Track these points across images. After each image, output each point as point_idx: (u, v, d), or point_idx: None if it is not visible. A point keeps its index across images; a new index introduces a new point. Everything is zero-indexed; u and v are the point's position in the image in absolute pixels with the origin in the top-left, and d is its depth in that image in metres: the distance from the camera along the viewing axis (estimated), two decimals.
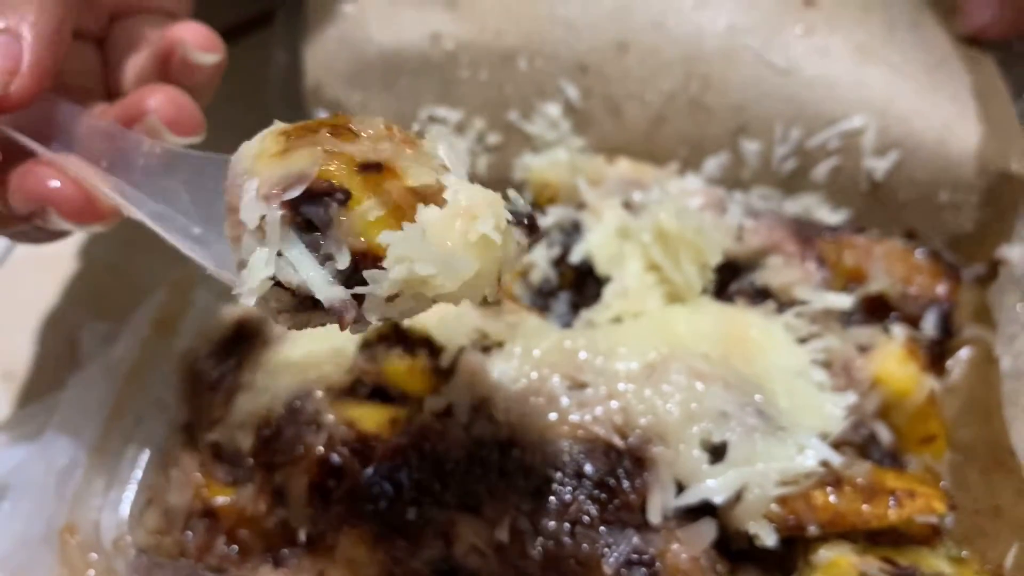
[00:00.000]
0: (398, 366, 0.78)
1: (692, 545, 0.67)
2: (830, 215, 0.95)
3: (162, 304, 0.93)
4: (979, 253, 0.96)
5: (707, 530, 0.68)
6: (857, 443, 0.79)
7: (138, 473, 0.82)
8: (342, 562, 0.72)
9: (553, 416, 0.71)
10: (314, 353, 0.79)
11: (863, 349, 0.80)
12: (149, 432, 0.84)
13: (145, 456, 0.83)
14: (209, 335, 0.87)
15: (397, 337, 0.80)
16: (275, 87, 1.10)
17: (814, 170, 0.98)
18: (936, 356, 0.85)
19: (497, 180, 1.03)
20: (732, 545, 0.72)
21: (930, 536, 0.74)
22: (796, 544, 0.72)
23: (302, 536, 0.73)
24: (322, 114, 1.03)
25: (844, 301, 0.80)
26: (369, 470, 0.72)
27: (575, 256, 0.83)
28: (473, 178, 0.97)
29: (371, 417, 0.74)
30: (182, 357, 0.86)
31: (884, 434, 0.79)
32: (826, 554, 0.69)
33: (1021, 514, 0.79)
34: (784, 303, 0.81)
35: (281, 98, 1.11)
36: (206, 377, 0.83)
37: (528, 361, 0.74)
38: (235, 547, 0.77)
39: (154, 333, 0.90)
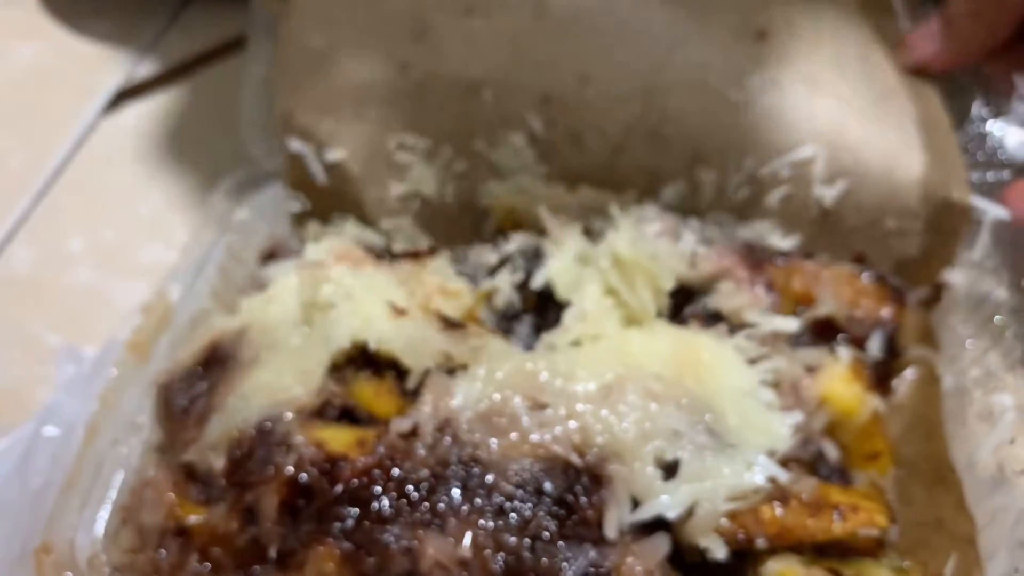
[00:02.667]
0: (366, 388, 0.81)
1: (647, 559, 0.70)
2: (782, 240, 0.99)
3: (138, 328, 0.95)
4: (924, 277, 1.00)
5: (661, 544, 0.71)
6: (806, 460, 0.82)
7: (112, 493, 0.84)
8: None
9: (514, 435, 0.74)
10: (284, 376, 0.82)
11: (810, 370, 0.84)
12: (123, 453, 0.86)
13: (119, 477, 0.85)
14: (183, 359, 0.89)
15: (365, 360, 0.83)
16: (247, 113, 1.13)
17: (766, 197, 1.02)
18: (881, 376, 0.89)
19: (464, 206, 1.07)
20: (686, 559, 0.76)
21: (874, 548, 0.78)
22: (746, 557, 0.76)
23: (272, 553, 0.75)
24: (294, 143, 1.06)
25: (791, 324, 0.84)
26: (337, 489, 0.74)
27: (536, 282, 0.87)
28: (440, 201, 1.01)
29: (339, 438, 0.77)
30: (156, 380, 0.89)
31: (831, 451, 0.82)
32: (774, 566, 0.72)
33: (960, 527, 0.84)
34: (735, 326, 0.84)
35: (253, 124, 1.14)
36: (180, 400, 0.85)
37: (491, 383, 0.77)
38: (207, 564, 0.80)
39: (129, 356, 0.93)
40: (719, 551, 0.71)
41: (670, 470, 0.73)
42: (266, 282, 0.95)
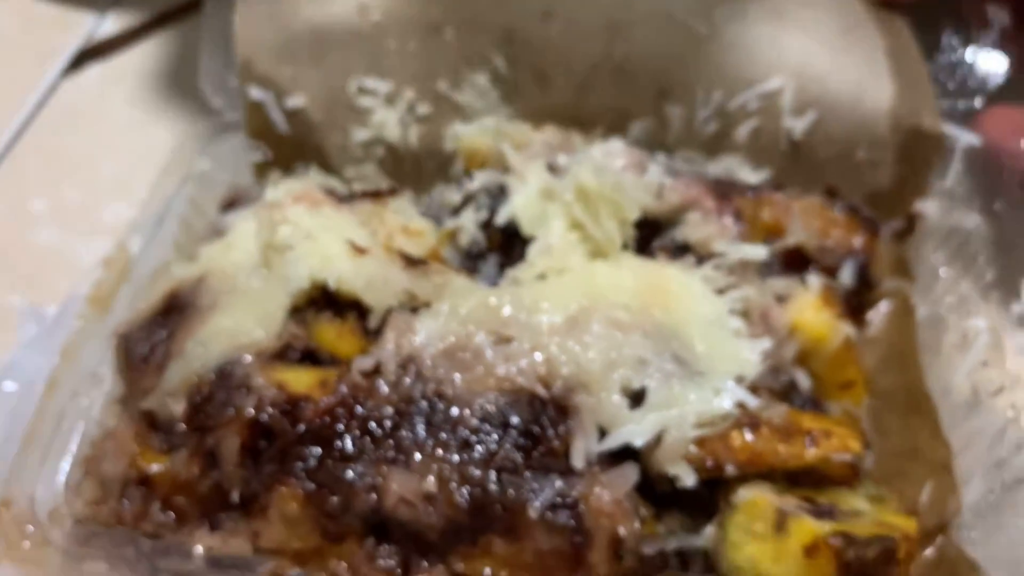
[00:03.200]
0: (327, 330, 0.79)
1: (615, 488, 0.69)
2: (751, 175, 0.98)
3: (98, 281, 0.93)
4: (897, 208, 0.99)
5: (629, 473, 0.70)
6: (778, 390, 0.81)
7: (73, 446, 0.82)
8: (276, 521, 0.73)
9: (479, 370, 0.73)
10: (244, 320, 0.80)
11: (781, 299, 0.82)
12: (84, 405, 0.84)
13: (80, 429, 0.83)
14: (142, 308, 0.87)
15: (326, 301, 0.81)
16: (207, 64, 1.10)
17: (735, 132, 1.00)
18: (854, 307, 0.88)
19: (429, 151, 1.05)
20: (656, 489, 0.75)
21: (849, 477, 0.77)
22: (718, 487, 0.75)
23: (235, 497, 0.74)
24: (254, 91, 1.04)
25: (759, 252, 0.82)
26: (299, 429, 0.72)
27: (500, 218, 0.85)
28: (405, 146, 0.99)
29: (301, 379, 0.76)
30: (116, 331, 0.87)
31: (803, 381, 0.81)
32: (745, 494, 0.71)
33: (936, 454, 0.83)
34: (703, 257, 0.83)
35: (213, 75, 1.11)
36: (139, 348, 0.83)
37: (455, 319, 0.76)
38: (171, 514, 0.78)
39: (90, 310, 0.91)
40: (688, 478, 0.70)
41: (637, 399, 0.72)
42: (225, 229, 0.93)
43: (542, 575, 0.71)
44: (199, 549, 0.74)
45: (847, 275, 0.87)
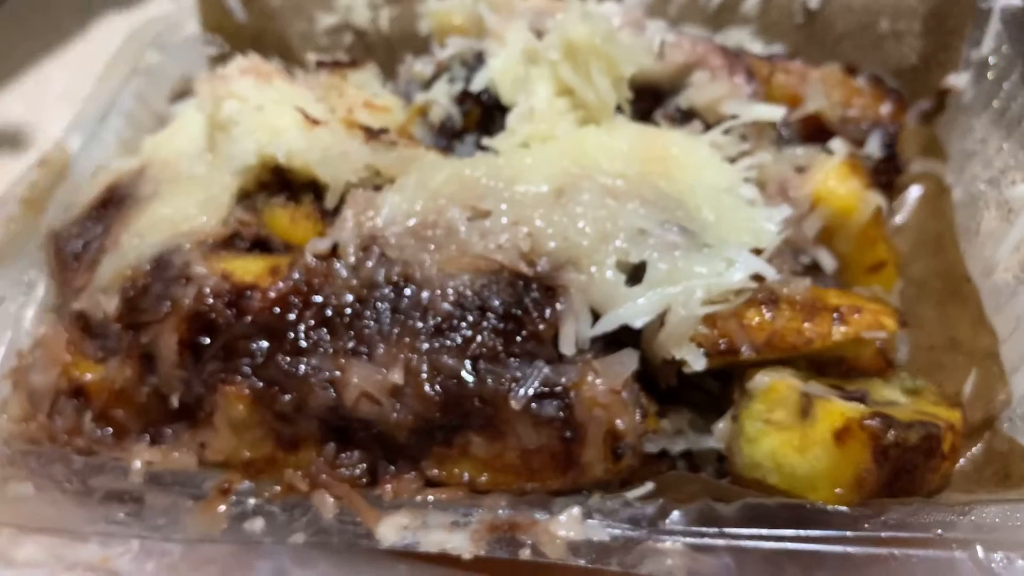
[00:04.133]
0: (280, 215, 0.69)
1: (611, 376, 0.59)
2: (763, 52, 0.87)
3: (32, 182, 0.83)
4: (925, 86, 0.88)
5: (627, 360, 0.60)
6: (800, 273, 0.71)
7: None
8: (223, 428, 0.64)
9: (452, 249, 0.63)
10: (186, 207, 0.70)
11: (801, 170, 0.72)
12: (11, 312, 0.75)
13: (7, 339, 0.74)
14: (78, 205, 0.77)
15: (280, 185, 0.71)
16: None
17: (744, 2, 0.90)
18: (883, 180, 0.78)
19: (402, 35, 0.94)
20: (661, 383, 0.65)
21: (882, 366, 0.67)
22: (731, 384, 0.65)
23: (175, 403, 0.64)
24: None
25: (776, 113, 0.72)
26: (245, 321, 0.63)
27: (476, 84, 0.74)
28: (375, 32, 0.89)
29: (249, 268, 0.66)
30: (50, 230, 0.77)
31: (827, 261, 0.71)
32: (763, 379, 0.61)
33: (979, 342, 0.72)
34: (712, 124, 0.72)
35: None
36: (72, 246, 0.74)
37: (423, 193, 0.66)
38: (109, 428, 0.69)
39: (22, 212, 0.81)
40: (697, 362, 0.60)
41: (636, 275, 0.62)
42: (171, 119, 0.83)
43: (529, 478, 0.61)
44: (137, 465, 0.64)
45: (874, 146, 0.77)
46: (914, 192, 0.85)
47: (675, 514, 0.57)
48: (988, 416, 0.68)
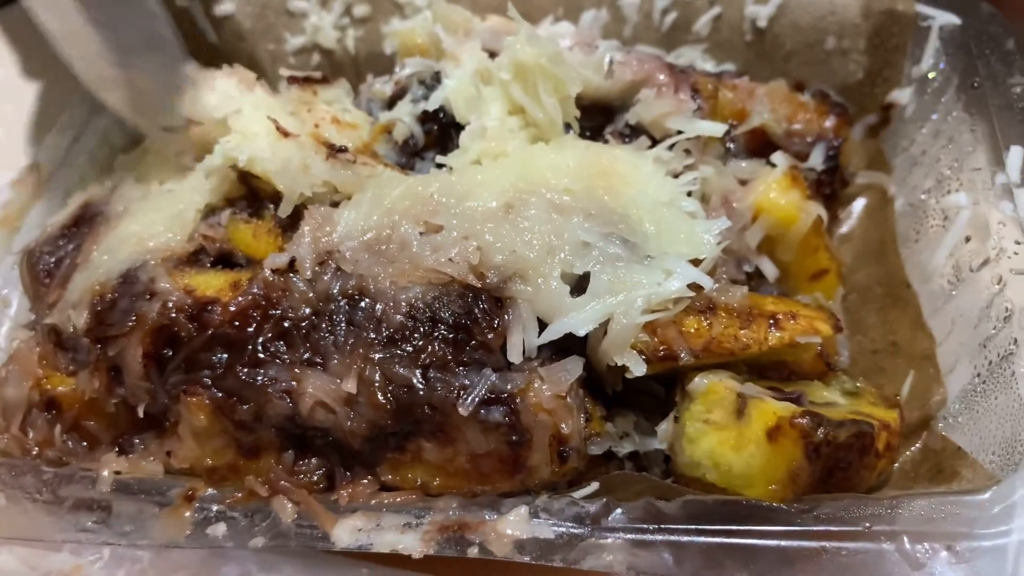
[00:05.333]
0: (243, 230, 0.72)
1: (556, 383, 0.62)
2: (714, 70, 0.90)
3: (7, 203, 0.86)
4: (871, 101, 0.91)
5: (572, 367, 0.63)
6: (742, 281, 0.74)
7: None
8: (187, 437, 0.67)
9: (405, 263, 0.66)
10: (154, 224, 0.73)
11: (744, 183, 0.75)
12: None
13: None
14: (52, 223, 0.80)
15: (248, 198, 0.74)
16: None
17: (696, 22, 0.93)
18: (828, 192, 0.81)
19: (368, 55, 0.97)
20: (607, 387, 0.68)
21: (823, 371, 0.70)
22: (676, 387, 0.68)
23: (141, 413, 0.67)
24: None
25: (718, 128, 0.75)
26: (206, 334, 0.65)
27: (432, 103, 0.77)
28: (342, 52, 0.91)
29: (212, 283, 0.69)
30: (24, 248, 0.79)
31: (769, 269, 0.74)
32: (702, 381, 0.64)
33: (918, 345, 0.75)
34: (659, 139, 0.75)
35: None
36: (45, 264, 0.76)
37: (378, 208, 0.69)
38: (83, 442, 0.71)
39: None
40: (638, 368, 0.63)
41: (581, 287, 0.65)
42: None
43: (480, 481, 0.64)
44: (105, 474, 0.67)
45: (817, 158, 0.80)
46: (859, 203, 0.89)
47: (617, 512, 0.60)
48: (925, 416, 0.71)
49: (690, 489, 0.62)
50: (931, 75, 0.87)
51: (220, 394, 0.65)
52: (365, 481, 0.65)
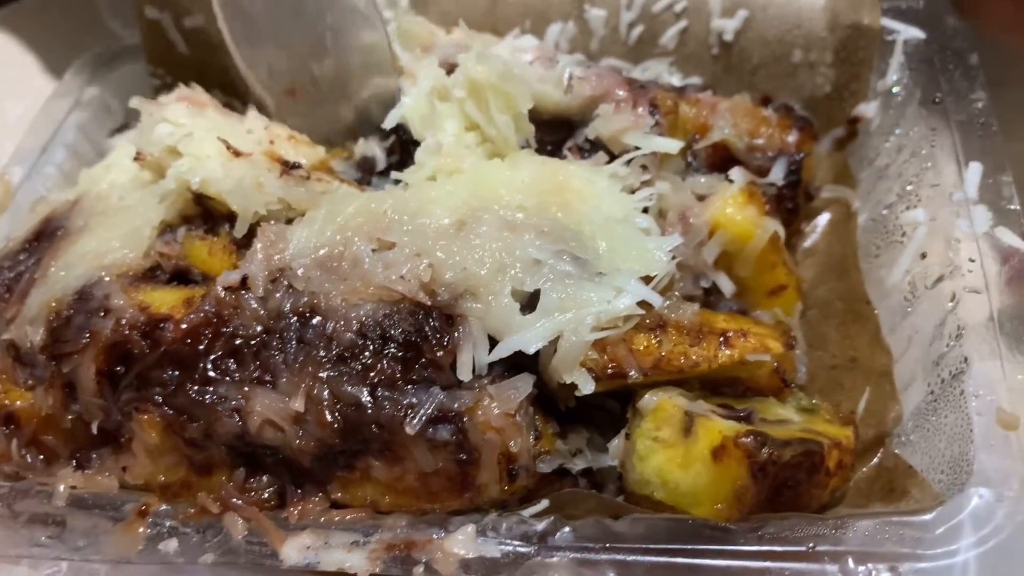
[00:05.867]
0: (198, 247, 0.72)
1: (505, 401, 0.62)
2: (680, 83, 0.90)
3: None
4: (837, 115, 0.91)
5: (521, 385, 0.63)
6: (700, 297, 0.74)
7: None
8: (141, 454, 0.67)
9: (357, 280, 0.66)
10: (111, 240, 0.73)
11: (701, 198, 0.75)
12: None
13: None
14: (13, 237, 0.80)
15: (203, 216, 0.74)
16: None
17: (663, 35, 0.93)
18: (789, 207, 0.81)
19: None
20: (560, 404, 0.68)
21: (779, 388, 0.70)
22: (629, 402, 0.68)
23: (94, 429, 0.67)
24: (150, 9, 0.96)
25: (673, 145, 0.75)
26: (159, 351, 0.65)
27: (389, 122, 0.77)
28: None
29: (166, 300, 0.69)
30: None
31: (726, 285, 0.74)
32: (652, 398, 0.64)
33: (876, 361, 0.76)
34: (617, 155, 0.76)
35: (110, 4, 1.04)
36: (4, 278, 0.76)
37: (331, 225, 0.69)
38: (41, 457, 0.72)
39: None
40: (587, 385, 0.63)
41: (532, 304, 0.65)
42: (108, 151, 0.86)
43: (429, 500, 0.64)
44: (60, 489, 0.67)
45: (778, 173, 0.80)
46: (824, 217, 0.89)
47: (565, 530, 0.60)
48: (881, 433, 0.71)
49: (639, 508, 0.62)
50: (895, 89, 0.87)
51: (171, 412, 0.65)
52: (316, 499, 0.65)
